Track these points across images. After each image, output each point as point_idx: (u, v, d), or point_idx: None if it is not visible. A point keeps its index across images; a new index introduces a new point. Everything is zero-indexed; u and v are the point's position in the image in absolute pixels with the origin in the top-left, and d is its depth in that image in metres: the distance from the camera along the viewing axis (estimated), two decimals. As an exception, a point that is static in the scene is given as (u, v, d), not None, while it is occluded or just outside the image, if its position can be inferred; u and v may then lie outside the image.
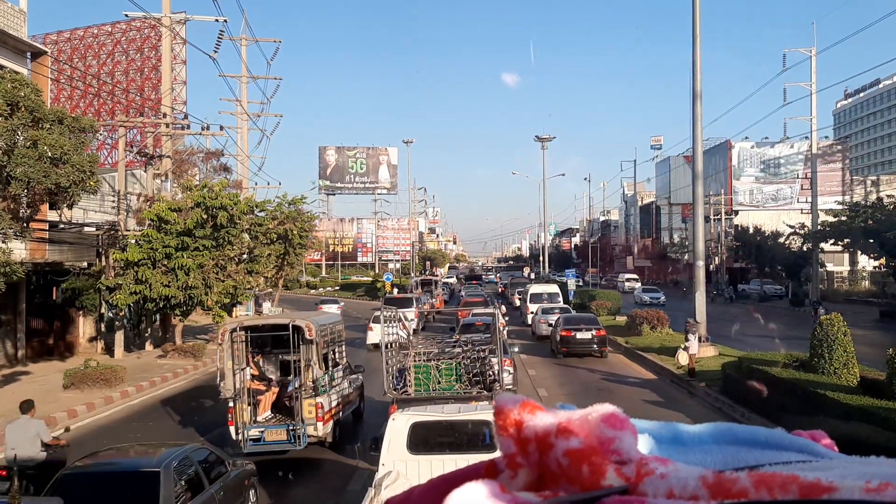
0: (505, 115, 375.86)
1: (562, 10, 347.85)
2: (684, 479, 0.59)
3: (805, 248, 51.42)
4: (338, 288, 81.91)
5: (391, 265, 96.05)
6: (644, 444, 0.72)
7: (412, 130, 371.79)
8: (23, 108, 15.35)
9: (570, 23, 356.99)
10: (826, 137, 78.15)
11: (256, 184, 45.54)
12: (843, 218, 46.26)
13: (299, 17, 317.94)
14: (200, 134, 32.74)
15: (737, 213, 74.36)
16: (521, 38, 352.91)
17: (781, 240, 56.76)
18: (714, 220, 68.12)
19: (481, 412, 9.30)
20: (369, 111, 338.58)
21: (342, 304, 49.15)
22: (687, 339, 21.06)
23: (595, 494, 0.59)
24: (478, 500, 0.59)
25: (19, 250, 21.19)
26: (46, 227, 24.42)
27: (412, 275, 71.13)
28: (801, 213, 56.34)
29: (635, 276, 74.68)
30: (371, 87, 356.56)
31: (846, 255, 64.27)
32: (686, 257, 71.63)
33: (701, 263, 24.86)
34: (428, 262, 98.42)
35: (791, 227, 52.43)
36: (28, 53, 25.88)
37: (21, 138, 15.55)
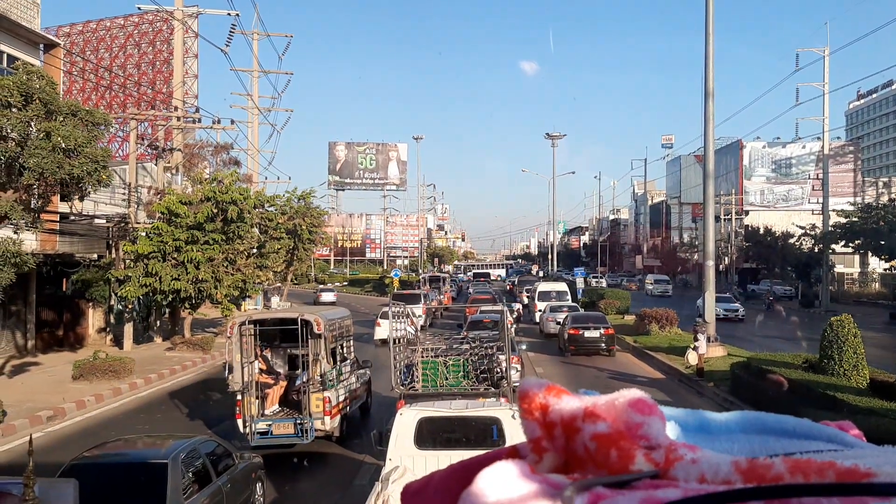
0: (515, 112, 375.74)
1: (573, 9, 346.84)
2: (716, 464, 0.58)
3: (816, 250, 51.19)
4: (346, 283, 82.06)
5: (399, 261, 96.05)
6: (671, 431, 0.71)
7: (422, 127, 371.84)
8: (37, 100, 15.41)
9: (580, 21, 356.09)
10: (838, 138, 77.75)
11: (266, 178, 45.64)
12: (855, 219, 46.04)
13: (311, 12, 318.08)
14: (211, 128, 32.80)
15: (747, 213, 74.07)
16: (532, 35, 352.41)
17: (792, 240, 56.52)
18: (724, 219, 67.93)
19: (489, 408, 9.30)
20: (379, 107, 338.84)
21: (336, 292, 56.20)
22: (696, 339, 20.99)
23: (627, 478, 0.59)
24: (509, 479, 0.59)
25: (30, 241, 21.30)
26: (57, 218, 24.55)
27: (421, 271, 71.19)
28: (812, 213, 56.00)
29: (665, 277, 67.46)
30: (381, 84, 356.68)
31: (857, 257, 63.98)
32: (696, 257, 71.46)
33: (711, 263, 24.77)
34: (436, 259, 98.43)
35: (802, 227, 52.19)
36: (41, 45, 26.01)
37: (34, 130, 15.62)
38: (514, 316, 33.51)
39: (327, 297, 53.91)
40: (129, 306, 27.14)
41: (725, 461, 0.58)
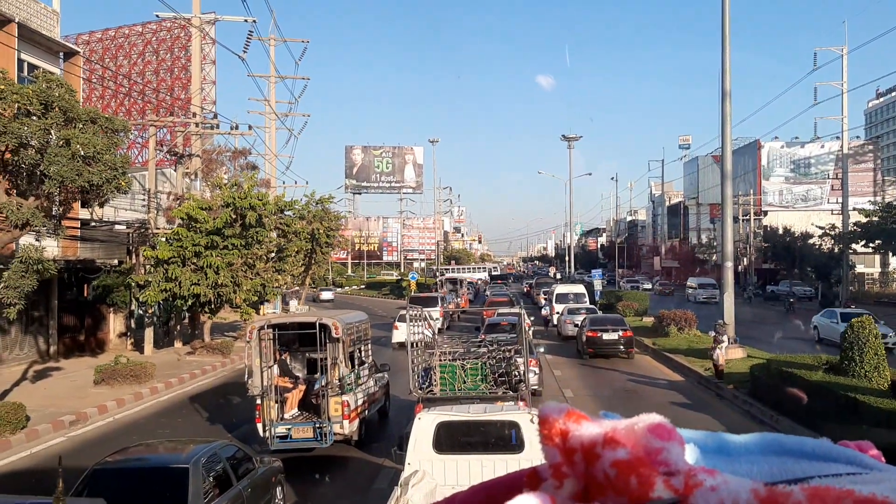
0: (531, 113, 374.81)
1: (589, 10, 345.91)
2: (735, 491, 0.58)
3: (836, 250, 50.70)
4: (363, 287, 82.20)
5: (416, 264, 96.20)
6: (689, 454, 0.72)
7: (438, 130, 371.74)
8: (56, 108, 15.57)
9: (596, 21, 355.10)
10: (857, 137, 76.93)
11: (284, 183, 45.98)
12: (875, 218, 45.57)
13: (327, 18, 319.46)
14: (229, 133, 33.02)
15: (766, 213, 73.47)
16: (549, 37, 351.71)
17: (811, 241, 56.01)
18: (743, 220, 67.42)
19: (507, 412, 9.30)
20: (395, 111, 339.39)
21: (334, 291, 60.15)
22: (719, 341, 20.78)
23: None
24: None
25: (52, 248, 21.53)
26: (78, 224, 24.80)
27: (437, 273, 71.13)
28: (832, 213, 55.47)
29: (711, 280, 57.22)
30: (397, 87, 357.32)
31: (877, 257, 63.24)
32: (714, 258, 70.98)
33: (730, 264, 24.61)
34: (452, 262, 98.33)
35: (821, 228, 51.72)
36: (61, 53, 26.30)
37: (54, 137, 15.79)
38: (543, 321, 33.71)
39: (326, 295, 59.76)
40: (150, 311, 27.35)
41: (745, 489, 0.58)
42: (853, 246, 48.51)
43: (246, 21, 33.75)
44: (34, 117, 15.49)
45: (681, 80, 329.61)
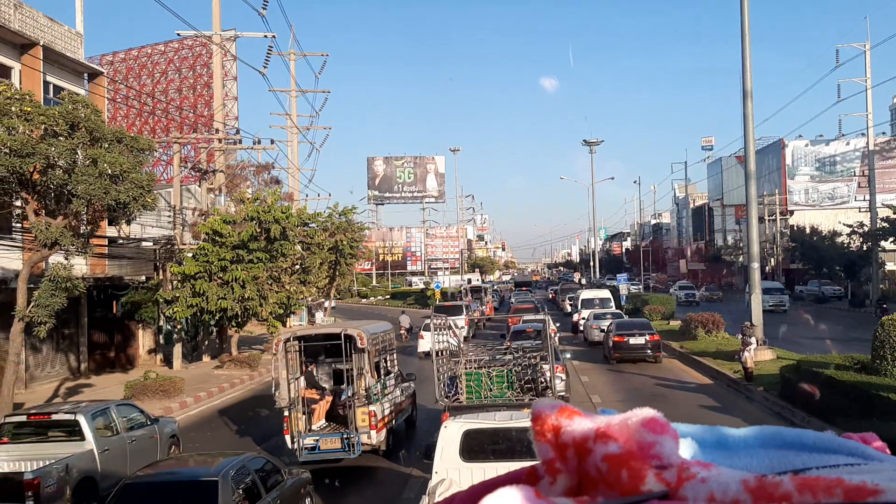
0: (552, 119, 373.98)
1: (609, 12, 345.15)
2: (725, 483, 0.59)
3: (864, 248, 49.97)
4: (388, 297, 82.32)
5: (440, 273, 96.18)
6: (687, 449, 0.72)
7: (459, 139, 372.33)
8: (83, 128, 15.83)
9: (617, 24, 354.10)
10: (883, 133, 75.68)
11: (307, 195, 46.20)
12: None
13: (345, 31, 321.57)
14: (252, 148, 33.36)
15: (792, 213, 72.63)
16: (568, 42, 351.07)
17: (839, 239, 55.25)
18: (769, 220, 66.73)
19: (534, 419, 9.25)
20: (416, 121, 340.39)
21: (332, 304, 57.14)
22: (747, 343, 20.55)
23: (634, 499, 0.60)
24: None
25: (80, 265, 21.83)
26: (106, 242, 25.13)
27: (461, 281, 71.08)
28: (860, 211, 54.77)
29: (778, 284, 52.61)
30: (417, 97, 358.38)
31: (908, 254, 62.24)
32: (741, 259, 70.31)
33: (756, 265, 24.36)
34: (477, 270, 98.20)
35: (849, 226, 51.01)
36: (85, 74, 26.71)
37: (81, 157, 16.04)
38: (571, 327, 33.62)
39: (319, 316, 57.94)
40: (178, 326, 27.61)
41: (735, 480, 0.59)
42: (883, 244, 47.79)
43: (265, 37, 34.10)
44: (61, 138, 15.76)
45: (702, 80, 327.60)
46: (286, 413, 13.22)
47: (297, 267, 29.31)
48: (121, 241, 27.14)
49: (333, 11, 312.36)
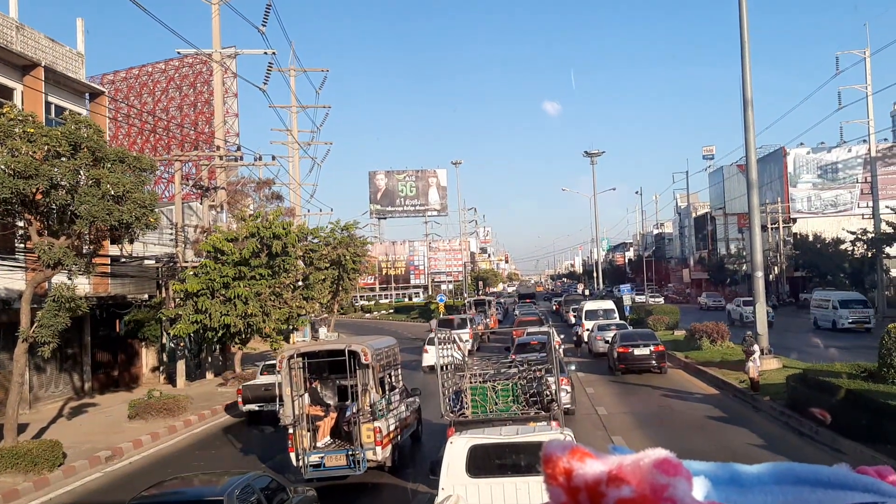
0: (552, 131, 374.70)
1: (609, 23, 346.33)
2: None
3: (869, 255, 49.90)
4: (392, 311, 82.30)
5: (444, 286, 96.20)
6: (700, 487, 0.70)
7: (460, 151, 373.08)
8: (85, 148, 15.87)
9: (615, 37, 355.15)
10: (885, 140, 75.61)
11: (309, 211, 46.23)
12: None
13: (345, 46, 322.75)
14: (253, 164, 33.37)
15: (795, 221, 72.58)
16: (569, 53, 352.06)
17: (843, 247, 55.19)
18: (772, 228, 66.66)
19: (540, 433, 9.22)
20: (417, 135, 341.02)
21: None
22: (750, 353, 20.50)
23: None
24: None
25: (83, 285, 21.84)
26: (108, 261, 25.13)
27: (466, 295, 71.12)
28: (863, 218, 54.71)
29: (860, 297, 40.60)
30: (418, 111, 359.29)
31: (913, 260, 62.13)
32: (744, 268, 70.16)
33: (760, 274, 24.32)
34: (480, 282, 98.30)
35: (852, 233, 50.97)
36: (86, 94, 26.82)
37: (83, 177, 16.08)
38: (575, 339, 33.18)
39: (322, 331, 57.29)
40: (181, 344, 27.59)
41: None
42: (887, 250, 47.72)
43: (266, 53, 34.23)
44: (63, 158, 15.79)
45: (702, 90, 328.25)
46: (291, 430, 13.17)
47: (300, 282, 29.32)
48: (123, 260, 27.15)
49: (333, 27, 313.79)
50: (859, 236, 50.08)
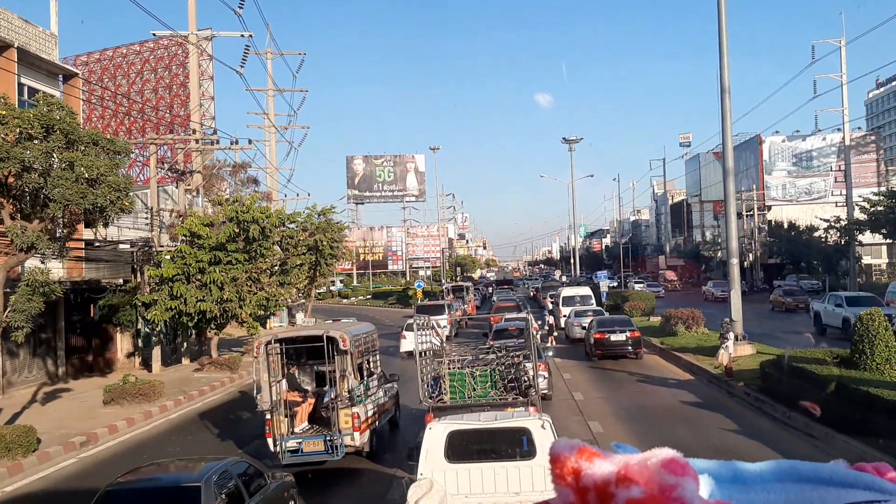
0: (532, 117, 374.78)
1: (587, 11, 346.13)
2: None
3: (842, 242, 50.61)
4: (369, 296, 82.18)
5: (422, 272, 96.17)
6: (704, 485, 0.70)
7: (438, 137, 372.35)
8: (58, 131, 15.62)
9: (594, 23, 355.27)
10: (859, 128, 76.73)
11: (286, 195, 45.93)
12: (881, 208, 45.48)
13: (323, 29, 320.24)
14: (229, 148, 33.12)
15: (770, 208, 73.41)
16: (548, 41, 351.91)
17: (817, 234, 55.91)
18: (747, 216, 67.37)
19: (518, 419, 9.27)
20: (395, 119, 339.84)
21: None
22: (724, 339, 20.76)
23: None
24: None
25: (57, 269, 21.57)
26: (82, 245, 24.83)
27: (444, 281, 71.15)
28: (836, 206, 55.51)
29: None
30: (396, 96, 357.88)
31: (884, 248, 63.17)
32: (719, 255, 70.85)
33: (735, 261, 24.57)
34: (458, 268, 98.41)
35: (826, 220, 51.65)
36: (60, 76, 26.39)
37: (57, 160, 15.84)
38: (546, 330, 32.42)
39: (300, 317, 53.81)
40: (156, 329, 27.38)
41: None
42: (859, 237, 48.40)
43: (242, 36, 33.89)
44: (36, 141, 15.53)
45: (680, 77, 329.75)
46: (268, 416, 13.13)
47: (277, 268, 29.16)
48: (98, 244, 26.83)
49: (311, 10, 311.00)
50: (832, 224, 50.79)
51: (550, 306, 40.76)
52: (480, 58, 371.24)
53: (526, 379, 12.33)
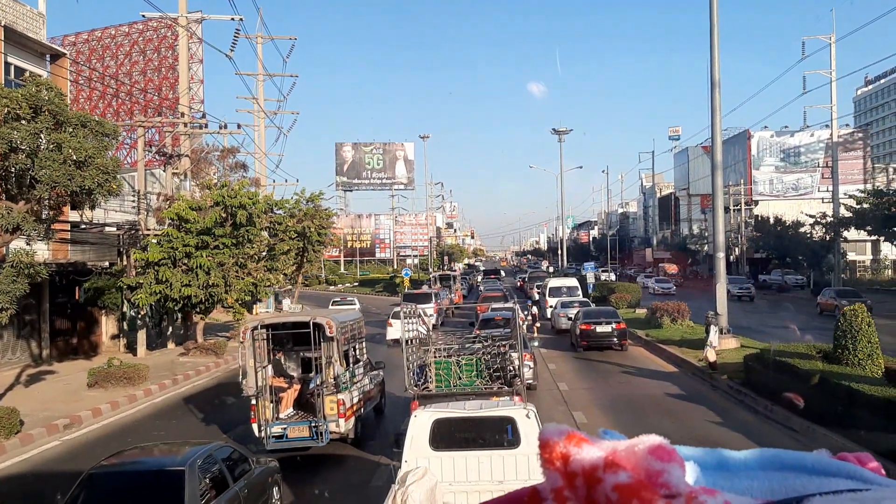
0: (522, 108, 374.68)
1: (579, 5, 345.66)
2: None
3: (827, 238, 50.95)
4: (356, 284, 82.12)
5: (409, 260, 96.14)
6: (689, 471, 0.71)
7: (429, 126, 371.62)
8: (46, 112, 15.48)
9: (586, 16, 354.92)
10: (847, 125, 77.20)
11: (274, 181, 45.74)
12: (866, 205, 45.81)
13: (314, 14, 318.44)
14: (218, 132, 32.91)
15: (757, 203, 73.79)
16: (539, 33, 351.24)
17: (803, 229, 56.24)
18: (734, 210, 67.65)
19: (503, 408, 9.30)
20: (385, 107, 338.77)
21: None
22: (708, 332, 20.89)
23: None
24: None
25: (42, 251, 21.42)
26: (68, 227, 24.67)
27: (431, 270, 71.17)
28: (822, 202, 55.78)
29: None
30: (386, 83, 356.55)
31: (868, 244, 63.65)
32: (706, 248, 71.19)
33: (721, 255, 24.70)
34: (446, 257, 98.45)
35: (812, 216, 51.94)
36: (48, 56, 26.14)
37: (44, 141, 15.70)
38: (530, 319, 32.18)
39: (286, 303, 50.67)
40: (142, 313, 27.26)
41: None
42: (844, 234, 48.74)
43: (233, 19, 33.61)
44: (23, 121, 15.39)
45: (670, 71, 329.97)
46: (253, 401, 13.12)
47: (264, 253, 29.08)
48: (84, 226, 26.65)
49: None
50: (818, 220, 51.08)
51: (537, 297, 40.83)
52: (473, 46, 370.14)
53: (511, 368, 12.38)
